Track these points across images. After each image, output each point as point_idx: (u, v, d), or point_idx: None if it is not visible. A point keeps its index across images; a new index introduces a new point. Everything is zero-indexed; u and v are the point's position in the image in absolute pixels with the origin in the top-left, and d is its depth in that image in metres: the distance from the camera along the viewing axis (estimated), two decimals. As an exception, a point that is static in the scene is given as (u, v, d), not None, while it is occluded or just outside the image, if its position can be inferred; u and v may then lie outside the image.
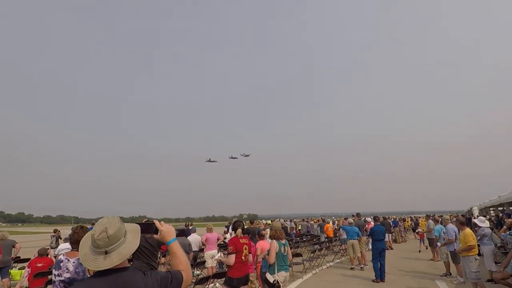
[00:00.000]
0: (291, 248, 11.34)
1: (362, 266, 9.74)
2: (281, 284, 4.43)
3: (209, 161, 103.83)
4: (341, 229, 12.44)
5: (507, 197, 10.04)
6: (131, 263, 5.38)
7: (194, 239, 8.13)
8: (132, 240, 1.48)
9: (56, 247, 13.26)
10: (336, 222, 19.21)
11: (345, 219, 14.17)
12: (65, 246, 4.39)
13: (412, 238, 20.12)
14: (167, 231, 1.71)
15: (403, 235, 19.06)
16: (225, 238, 13.88)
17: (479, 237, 7.79)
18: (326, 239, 14.07)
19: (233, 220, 6.06)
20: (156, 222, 1.75)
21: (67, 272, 2.82)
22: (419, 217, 26.40)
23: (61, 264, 2.82)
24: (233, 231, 4.82)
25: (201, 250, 8.74)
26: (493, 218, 14.43)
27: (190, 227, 10.66)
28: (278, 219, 24.05)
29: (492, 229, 9.87)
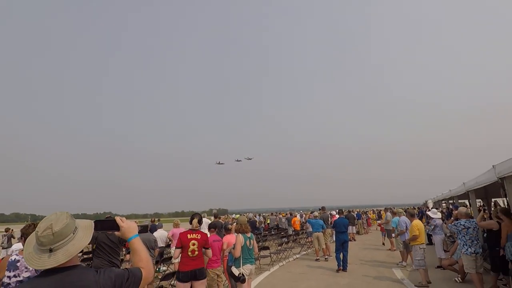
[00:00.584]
0: (259, 242, 11.59)
1: (326, 257, 10.16)
2: (246, 277, 4.50)
3: (218, 163, 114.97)
4: (307, 222, 12.83)
5: (456, 191, 10.94)
6: (91, 261, 5.17)
7: (160, 234, 7.96)
8: (83, 237, 1.41)
9: (8, 247, 12.29)
10: (304, 215, 19.76)
11: (311, 212, 14.63)
12: (19, 246, 4.12)
13: (374, 230, 21.30)
14: (128, 227, 1.66)
15: (365, 227, 20.09)
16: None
17: (432, 228, 8.48)
18: (294, 232, 14.44)
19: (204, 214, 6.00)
20: (117, 219, 1.70)
21: (26, 271, 2.69)
22: (381, 210, 27.94)
23: (18, 264, 2.69)
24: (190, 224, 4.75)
25: (168, 245, 8.58)
26: (444, 210, 15.69)
27: (157, 223, 10.40)
28: (247, 213, 24.21)
29: (443, 220, 10.74)
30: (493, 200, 11.71)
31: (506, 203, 5.85)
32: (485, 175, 6.45)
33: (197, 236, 4.36)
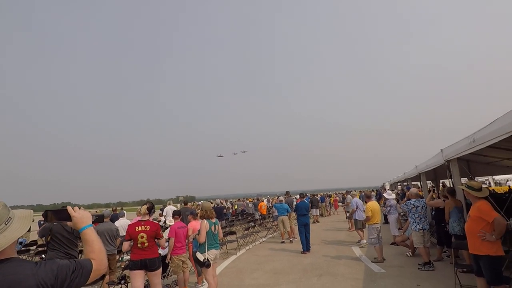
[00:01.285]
0: (226, 227, 11.66)
1: (291, 239, 10.53)
2: (211, 262, 4.52)
3: (219, 156, 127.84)
4: (273, 207, 13.14)
5: (409, 174, 11.85)
6: (46, 254, 4.87)
7: (122, 224, 7.67)
8: (18, 228, 1.30)
9: None
10: (271, 200, 20.20)
11: (277, 197, 14.98)
12: None
13: (335, 212, 22.40)
14: (80, 217, 1.57)
15: (328, 209, 21.05)
16: (159, 221, 13.48)
17: (388, 208, 9.11)
18: (260, 217, 14.73)
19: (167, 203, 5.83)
20: (69, 208, 1.60)
21: None
22: (343, 193, 29.38)
23: None
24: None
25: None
26: (399, 192, 16.89)
27: (118, 212, 10.01)
28: (214, 199, 24.14)
29: (398, 201, 11.57)
30: (441, 181, 12.80)
31: (451, 183, 6.41)
32: (434, 158, 7.01)
33: (145, 228, 4.23)
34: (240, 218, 15.61)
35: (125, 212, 10.65)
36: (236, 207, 19.95)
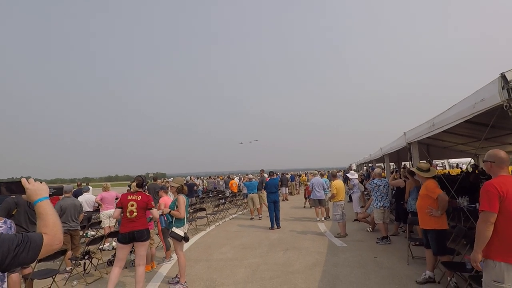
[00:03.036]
0: (196, 204, 11.67)
1: (260, 216, 10.81)
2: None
3: (240, 143, 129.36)
4: (244, 184, 13.35)
5: (374, 155, 12.46)
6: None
7: (86, 199, 7.40)
8: None
9: None
10: (242, 178, 20.42)
11: (247, 175, 15.19)
12: None
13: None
14: (35, 189, 1.45)
15: (297, 188, 21.73)
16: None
17: (352, 188, 9.58)
18: (231, 194, 14.90)
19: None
20: (23, 180, 1.48)
21: None
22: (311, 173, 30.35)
23: None
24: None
25: (97, 210, 8.09)
26: (364, 172, 17.76)
27: (82, 187, 9.60)
28: (184, 177, 23.87)
29: (362, 180, 12.19)
30: (403, 163, 13.60)
31: (411, 165, 6.83)
32: (397, 141, 7.37)
33: (137, 197, 4.23)
34: (210, 195, 15.71)
35: (90, 187, 10.23)
36: (207, 185, 19.97)
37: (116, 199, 8.07)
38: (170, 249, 5.92)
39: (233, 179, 17.81)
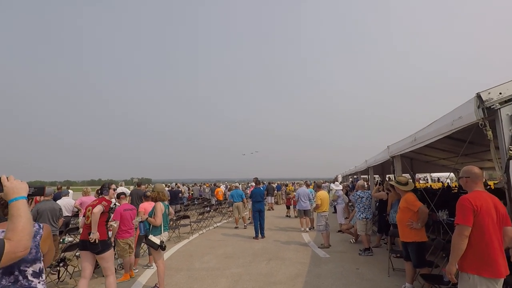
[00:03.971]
0: (181, 211, 11.47)
1: (245, 225, 10.72)
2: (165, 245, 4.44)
3: (254, 152, 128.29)
4: (229, 192, 13.28)
5: (360, 167, 12.65)
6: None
7: (65, 203, 7.13)
8: None
9: None
10: (229, 186, 20.26)
11: (233, 183, 15.10)
12: None
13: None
14: (13, 187, 1.40)
15: (283, 198, 21.70)
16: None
17: (336, 198, 9.65)
18: (216, 202, 14.75)
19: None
20: (3, 177, 1.43)
21: None
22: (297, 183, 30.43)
23: None
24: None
25: (76, 215, 7.84)
26: (349, 184, 17.96)
27: (62, 191, 9.29)
28: (169, 183, 23.51)
29: (347, 191, 12.32)
30: (387, 175, 13.85)
31: (394, 178, 6.97)
32: (381, 154, 7.52)
33: (94, 202, 4.13)
34: (196, 202, 15.51)
35: (71, 191, 9.90)
36: (192, 192, 19.73)
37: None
38: (137, 259, 5.78)
39: (219, 187, 17.69)
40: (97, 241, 3.85)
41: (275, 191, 18.68)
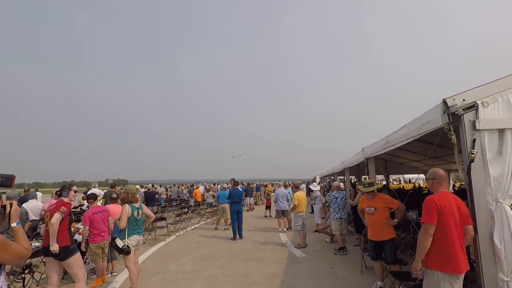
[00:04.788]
0: (157, 213, 11.22)
1: (226, 227, 10.62)
2: (133, 248, 4.29)
3: (233, 157, 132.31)
4: (206, 193, 13.18)
5: (336, 168, 12.96)
6: None
7: (32, 206, 6.76)
8: None
9: None
10: (207, 187, 20.07)
11: (214, 184, 14.99)
12: None
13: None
14: None
15: (263, 198, 21.81)
16: (82, 205, 12.32)
17: (314, 199, 9.83)
18: (195, 203, 14.57)
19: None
20: None
21: None
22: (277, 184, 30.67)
23: None
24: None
25: (43, 219, 7.46)
26: (326, 184, 18.34)
27: (29, 193, 8.80)
28: (145, 185, 22.91)
29: (324, 192, 12.58)
30: (363, 177, 14.26)
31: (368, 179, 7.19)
32: (357, 155, 7.74)
33: (52, 207, 3.91)
34: (173, 204, 15.24)
35: (39, 193, 9.42)
36: (170, 193, 19.38)
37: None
38: (114, 261, 5.61)
39: (198, 187, 17.49)
40: (57, 250, 3.69)
41: (254, 192, 18.74)
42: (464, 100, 2.88)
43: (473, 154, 2.69)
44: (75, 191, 4.18)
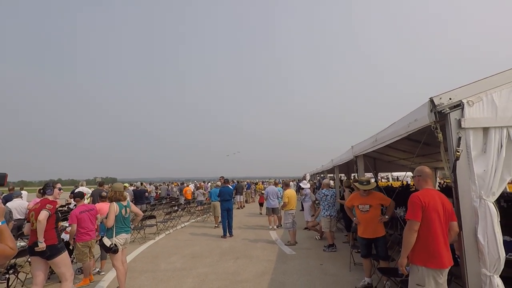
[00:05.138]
0: (147, 211, 11.10)
1: (216, 225, 10.60)
2: (120, 247, 4.23)
3: (227, 155, 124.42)
4: (197, 191, 13.10)
5: (326, 166, 13.11)
6: None
7: (17, 205, 6.59)
8: None
9: None
10: (198, 185, 19.98)
11: (204, 182, 14.93)
12: None
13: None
14: None
15: (253, 196, 21.87)
16: (69, 203, 12.09)
17: (303, 197, 9.90)
18: (185, 201, 14.49)
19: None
20: None
21: None
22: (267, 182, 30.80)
23: None
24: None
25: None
26: (316, 182, 18.51)
27: (14, 192, 8.57)
28: (134, 183, 22.70)
29: (314, 190, 12.68)
30: (352, 174, 14.44)
31: (357, 176, 7.29)
32: (346, 153, 7.83)
33: (36, 206, 3.82)
34: (163, 202, 15.12)
35: (24, 192, 9.18)
36: (160, 191, 19.20)
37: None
38: (103, 261, 5.54)
39: (188, 185, 17.38)
40: (44, 248, 3.62)
41: (245, 190, 18.75)
42: (450, 99, 2.94)
43: (458, 152, 2.75)
44: (60, 189, 4.07)
